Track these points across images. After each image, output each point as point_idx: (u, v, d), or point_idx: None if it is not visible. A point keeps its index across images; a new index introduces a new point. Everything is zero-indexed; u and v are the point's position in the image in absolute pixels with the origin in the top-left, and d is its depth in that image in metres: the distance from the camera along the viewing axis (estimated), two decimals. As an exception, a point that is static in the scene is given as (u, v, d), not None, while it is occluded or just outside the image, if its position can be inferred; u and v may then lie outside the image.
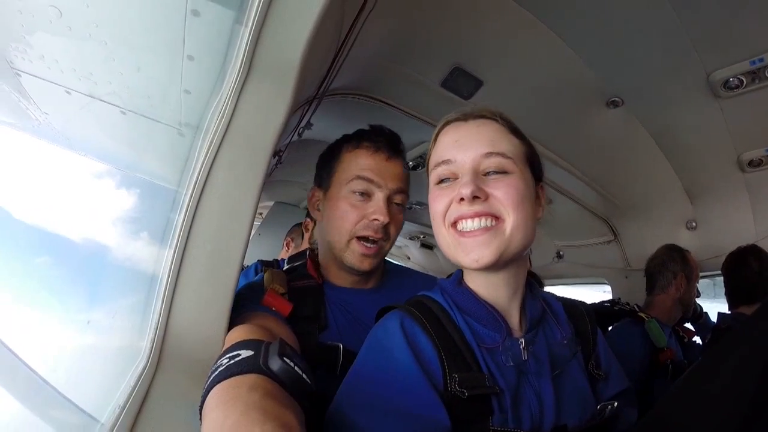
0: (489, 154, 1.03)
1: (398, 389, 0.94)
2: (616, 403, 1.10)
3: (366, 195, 1.41)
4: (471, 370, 0.99)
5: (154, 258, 1.12)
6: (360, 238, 1.41)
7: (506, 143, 1.07)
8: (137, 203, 1.41)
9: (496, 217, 1.01)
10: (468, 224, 1.01)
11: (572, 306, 1.28)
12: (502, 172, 1.04)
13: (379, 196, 1.41)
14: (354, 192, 1.41)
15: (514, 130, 1.12)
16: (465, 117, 1.12)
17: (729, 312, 2.57)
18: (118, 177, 1.45)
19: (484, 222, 1.00)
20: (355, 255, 1.42)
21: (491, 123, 1.10)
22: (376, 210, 1.40)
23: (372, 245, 1.42)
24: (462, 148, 1.06)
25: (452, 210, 1.04)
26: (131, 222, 1.36)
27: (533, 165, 1.13)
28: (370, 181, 1.40)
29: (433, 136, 1.16)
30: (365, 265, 1.43)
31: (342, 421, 0.93)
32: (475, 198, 0.99)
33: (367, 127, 1.52)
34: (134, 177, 1.50)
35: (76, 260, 1.20)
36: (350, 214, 1.41)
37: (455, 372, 0.97)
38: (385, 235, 1.44)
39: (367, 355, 1.05)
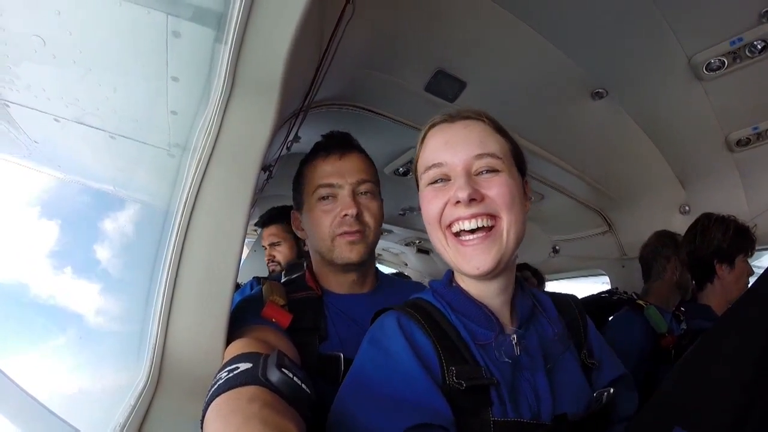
0: (480, 156, 1.05)
1: (399, 383, 0.96)
2: (612, 390, 1.13)
3: (332, 197, 1.46)
4: (468, 364, 1.00)
5: (149, 278, 1.13)
6: (338, 234, 1.45)
7: (494, 143, 1.09)
8: (131, 226, 1.42)
9: (492, 216, 1.03)
10: (465, 225, 1.03)
11: (561, 300, 1.31)
12: (493, 171, 1.05)
13: (343, 194, 1.46)
14: (320, 199, 1.47)
15: (499, 129, 1.14)
16: (451, 118, 1.14)
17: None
18: (111, 200, 1.47)
19: (481, 222, 1.02)
20: (343, 248, 1.45)
21: (478, 123, 1.12)
22: (343, 206, 1.44)
23: (354, 233, 1.45)
24: (452, 150, 1.07)
25: (447, 212, 1.05)
26: (125, 243, 1.37)
27: (518, 161, 1.15)
28: (329, 185, 1.46)
29: (420, 138, 1.17)
30: (354, 253, 1.46)
31: (345, 417, 0.94)
32: (471, 200, 1.01)
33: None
34: (127, 200, 1.51)
35: (71, 283, 1.20)
36: (323, 219, 1.46)
37: (452, 365, 0.99)
38: (362, 226, 1.47)
39: (366, 354, 1.06)
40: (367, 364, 1.04)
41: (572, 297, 1.35)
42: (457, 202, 1.02)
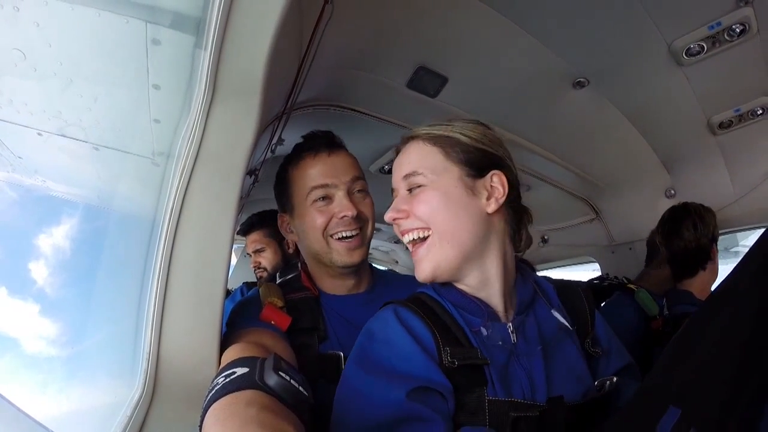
0: (406, 177, 1.16)
1: (397, 362, 1.00)
2: (615, 378, 1.14)
3: (327, 198, 1.45)
4: (463, 346, 1.05)
5: (139, 287, 1.13)
6: (337, 238, 1.44)
7: (418, 159, 1.16)
8: (119, 237, 1.42)
9: (425, 228, 1.12)
10: (406, 238, 1.15)
11: (567, 287, 1.33)
12: (417, 187, 1.14)
13: (340, 194, 1.45)
14: (315, 201, 1.44)
15: (435, 139, 1.17)
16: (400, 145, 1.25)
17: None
18: (97, 212, 1.46)
19: (416, 234, 1.13)
20: (341, 252, 1.45)
21: (413, 144, 1.20)
22: (341, 207, 1.43)
23: (351, 239, 1.45)
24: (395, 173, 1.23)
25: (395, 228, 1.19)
26: (114, 255, 1.36)
27: (469, 160, 1.15)
28: (325, 186, 1.44)
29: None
30: (355, 257, 1.46)
31: (349, 395, 1.00)
32: (397, 220, 1.16)
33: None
34: (113, 211, 1.50)
35: (62, 295, 1.20)
36: (318, 219, 1.44)
37: (448, 346, 1.03)
38: (360, 223, 1.48)
39: (364, 341, 1.10)
40: (365, 349, 1.08)
41: (581, 286, 1.38)
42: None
